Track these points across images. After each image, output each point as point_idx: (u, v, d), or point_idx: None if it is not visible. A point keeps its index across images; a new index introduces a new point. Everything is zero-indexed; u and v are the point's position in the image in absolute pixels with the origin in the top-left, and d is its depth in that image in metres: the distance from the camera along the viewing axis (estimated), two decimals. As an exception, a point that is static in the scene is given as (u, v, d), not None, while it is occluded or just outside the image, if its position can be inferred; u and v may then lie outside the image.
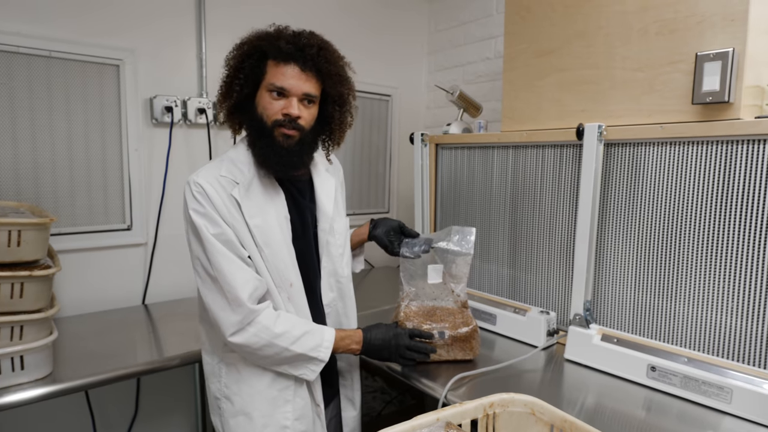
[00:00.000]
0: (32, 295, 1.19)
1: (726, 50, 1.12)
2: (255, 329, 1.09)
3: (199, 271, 1.11)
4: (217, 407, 1.21)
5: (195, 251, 1.11)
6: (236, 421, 1.16)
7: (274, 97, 1.10)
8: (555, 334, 1.51)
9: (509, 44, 1.66)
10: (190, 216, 1.09)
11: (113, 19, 1.77)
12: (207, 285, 1.10)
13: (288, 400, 1.16)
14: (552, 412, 0.89)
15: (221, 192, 1.10)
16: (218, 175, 1.11)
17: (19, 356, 1.19)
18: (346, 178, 2.48)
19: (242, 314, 1.08)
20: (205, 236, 1.07)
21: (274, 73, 1.10)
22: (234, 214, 1.10)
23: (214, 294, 1.09)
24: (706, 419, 1.11)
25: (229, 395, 1.17)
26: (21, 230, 1.17)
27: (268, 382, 1.15)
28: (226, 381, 1.18)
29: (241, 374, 1.16)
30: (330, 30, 2.41)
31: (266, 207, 1.14)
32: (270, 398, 1.15)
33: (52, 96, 1.67)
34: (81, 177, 1.75)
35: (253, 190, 1.13)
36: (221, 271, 1.07)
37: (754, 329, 1.16)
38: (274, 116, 1.10)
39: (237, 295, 1.07)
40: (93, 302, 1.79)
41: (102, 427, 1.83)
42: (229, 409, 1.17)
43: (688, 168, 1.25)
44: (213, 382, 1.21)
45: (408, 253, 1.34)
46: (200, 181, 1.09)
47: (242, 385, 1.16)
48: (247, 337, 1.08)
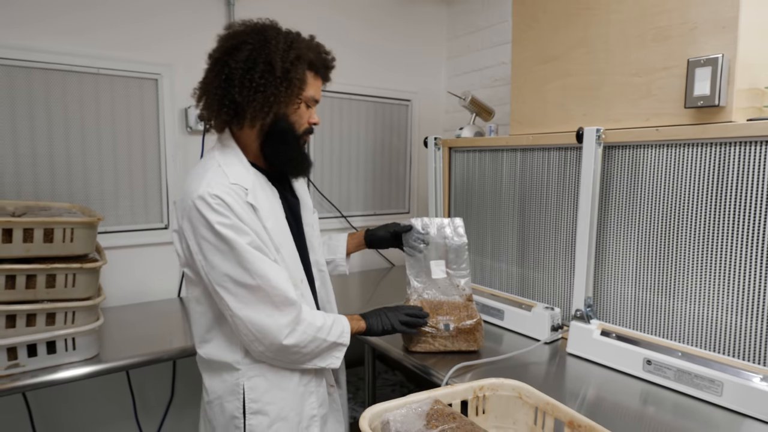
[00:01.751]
0: (83, 285, 1.36)
1: (716, 56, 1.17)
2: (303, 326, 1.10)
3: (230, 287, 1.05)
4: (236, 427, 1.12)
5: (220, 267, 1.04)
6: (274, 429, 1.13)
7: (307, 108, 1.16)
8: (559, 329, 1.57)
9: (517, 51, 1.73)
10: (215, 230, 1.03)
11: (153, 38, 1.94)
12: (244, 299, 1.05)
13: (312, 391, 1.20)
14: (537, 396, 0.98)
15: (239, 200, 1.06)
16: (229, 184, 1.07)
17: (71, 338, 1.36)
18: (366, 180, 2.61)
19: (294, 313, 1.08)
20: (241, 246, 1.03)
21: (314, 87, 1.16)
22: (254, 219, 1.08)
23: (255, 305, 1.05)
24: (698, 411, 1.15)
25: (260, 408, 1.12)
26: (74, 228, 1.33)
27: (297, 380, 1.17)
28: (252, 396, 1.12)
29: (270, 382, 1.14)
30: (352, 39, 2.55)
31: (273, 209, 1.15)
32: (299, 395, 1.17)
33: (99, 108, 1.86)
34: (124, 181, 1.93)
35: (258, 194, 1.12)
36: (265, 276, 1.04)
37: (747, 325, 1.20)
38: (304, 125, 1.17)
39: (286, 296, 1.07)
40: (134, 294, 1.98)
41: (141, 410, 2.01)
42: (263, 423, 1.12)
43: (683, 169, 1.30)
44: (230, 403, 1.13)
45: (409, 250, 1.46)
46: (217, 192, 1.03)
47: (275, 393, 1.13)
48: (298, 336, 1.08)
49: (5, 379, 1.28)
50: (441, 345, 1.42)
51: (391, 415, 0.84)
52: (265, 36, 1.10)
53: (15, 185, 1.73)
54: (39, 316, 1.32)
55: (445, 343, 1.42)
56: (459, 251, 1.46)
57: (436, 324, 1.41)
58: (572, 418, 0.88)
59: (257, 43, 1.10)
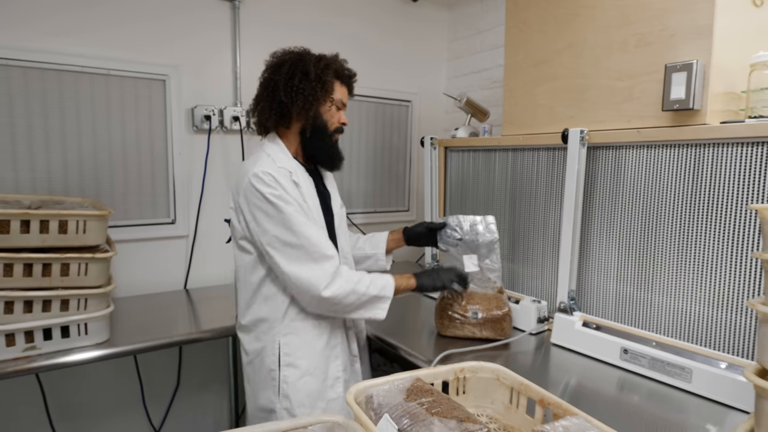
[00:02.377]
0: (94, 274, 1.45)
1: (691, 61, 1.24)
2: (341, 280, 1.28)
3: (278, 247, 1.26)
4: (273, 378, 1.34)
5: (271, 231, 1.26)
6: (303, 381, 1.34)
7: (336, 109, 1.41)
8: (545, 321, 1.64)
9: (509, 55, 1.80)
10: (267, 199, 1.25)
11: (161, 40, 2.03)
12: (290, 255, 1.26)
13: (338, 355, 1.40)
14: (513, 377, 1.05)
15: (286, 177, 1.31)
16: (277, 167, 1.31)
17: (84, 323, 1.45)
18: (367, 178, 2.69)
19: (333, 266, 1.28)
20: (286, 210, 1.26)
21: (340, 92, 1.41)
22: (297, 193, 1.32)
23: (299, 261, 1.26)
24: (670, 397, 1.22)
25: (292, 362, 1.33)
26: (86, 220, 1.43)
27: (324, 342, 1.37)
28: (287, 350, 1.33)
29: (302, 339, 1.35)
30: (354, 40, 2.63)
31: (310, 192, 1.37)
32: (325, 356, 1.37)
33: (110, 108, 1.95)
34: (133, 177, 2.02)
35: (300, 176, 1.36)
36: (307, 235, 1.26)
37: (716, 316, 1.27)
38: (336, 125, 1.42)
39: (325, 252, 1.28)
40: (143, 285, 2.07)
41: (149, 395, 2.11)
42: (294, 374, 1.33)
43: (661, 169, 1.36)
44: (267, 357, 1.35)
45: (443, 246, 1.58)
46: (269, 170, 1.28)
47: (305, 350, 1.34)
48: (335, 288, 1.27)
49: (23, 361, 1.37)
50: (469, 332, 1.55)
51: (375, 390, 0.92)
52: (301, 55, 1.39)
53: (30, 180, 1.83)
54: (54, 302, 1.41)
55: (473, 330, 1.54)
56: (490, 246, 1.56)
57: (465, 312, 1.53)
58: (542, 396, 0.96)
59: (295, 58, 1.38)
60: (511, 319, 1.56)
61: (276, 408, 1.35)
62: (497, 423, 1.05)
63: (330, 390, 1.38)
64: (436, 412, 0.84)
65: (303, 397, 1.34)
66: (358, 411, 0.85)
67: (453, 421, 0.81)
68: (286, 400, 1.34)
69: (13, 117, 1.78)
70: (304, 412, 1.34)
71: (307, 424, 0.82)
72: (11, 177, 1.79)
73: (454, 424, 0.81)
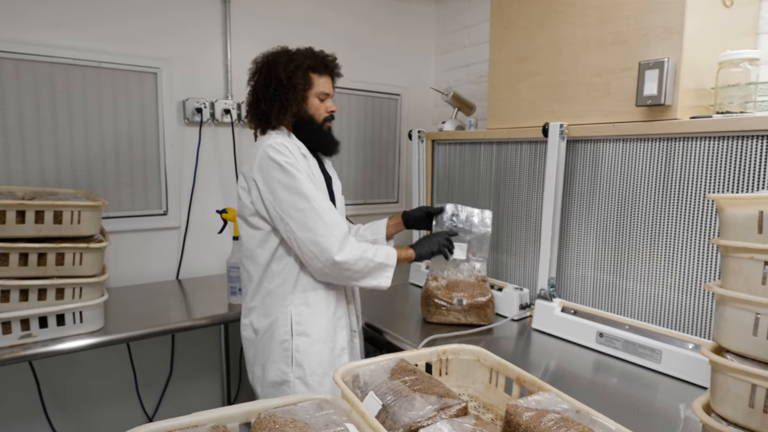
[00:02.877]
0: (89, 263, 1.49)
1: (662, 59, 1.30)
2: (350, 246, 1.35)
3: (293, 214, 1.33)
4: (285, 350, 1.40)
5: (285, 199, 1.33)
6: (316, 349, 1.41)
7: (320, 100, 1.46)
8: (527, 308, 1.71)
9: (493, 51, 1.86)
10: (281, 166, 1.33)
11: (152, 34, 2.06)
12: (302, 221, 1.32)
13: (343, 327, 1.48)
14: (492, 358, 1.11)
15: (296, 150, 1.39)
16: (287, 140, 1.40)
17: (78, 312, 1.49)
18: (357, 170, 2.74)
19: (342, 232, 1.34)
20: (299, 177, 1.33)
21: (320, 84, 1.45)
22: (307, 166, 1.40)
23: (311, 225, 1.32)
24: (641, 377, 1.30)
25: (304, 330, 1.40)
26: (81, 211, 1.46)
27: (332, 312, 1.45)
28: (298, 320, 1.40)
29: (312, 309, 1.42)
30: (345, 35, 2.66)
31: (316, 169, 1.45)
32: (332, 326, 1.45)
33: (101, 100, 1.97)
34: (125, 169, 2.05)
35: (306, 153, 1.44)
36: (317, 200, 1.33)
37: (685, 301, 1.35)
38: (323, 115, 1.47)
39: (334, 218, 1.35)
40: (136, 276, 2.11)
41: (142, 383, 2.15)
42: (305, 342, 1.40)
43: (635, 162, 1.43)
44: (279, 329, 1.41)
45: (436, 228, 1.64)
46: (281, 141, 1.36)
47: (315, 319, 1.42)
48: (346, 253, 1.33)
49: (19, 348, 1.41)
50: (454, 318, 1.62)
51: (361, 370, 0.97)
52: (275, 59, 1.44)
53: (22, 172, 1.85)
54: (49, 291, 1.45)
55: (458, 316, 1.62)
56: (482, 239, 1.65)
57: (450, 299, 1.60)
58: (519, 375, 1.02)
59: (269, 65, 1.44)
60: (493, 305, 1.63)
61: (289, 378, 1.40)
62: (477, 401, 1.11)
63: (337, 359, 1.45)
64: (418, 389, 0.90)
65: (315, 365, 1.40)
66: (344, 388, 0.91)
67: (433, 397, 0.87)
68: (299, 368, 1.39)
69: (4, 109, 1.80)
70: (317, 381, 1.40)
71: (296, 401, 0.88)
72: (3, 169, 1.82)
73: (435, 399, 0.87)
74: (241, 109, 2.26)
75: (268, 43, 1.52)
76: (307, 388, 1.40)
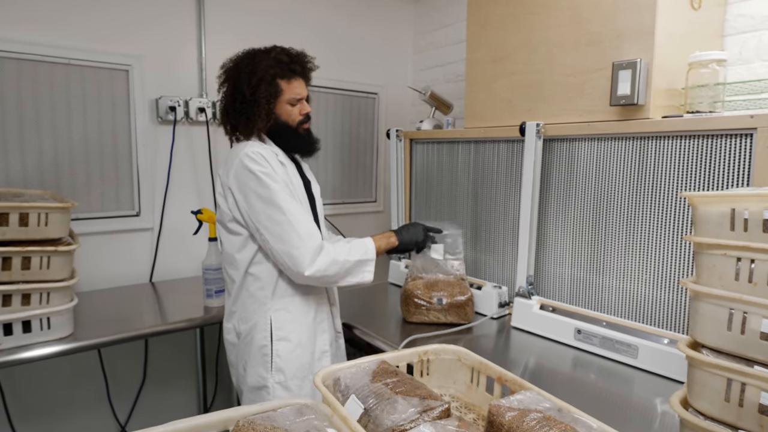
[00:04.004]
0: (57, 267, 1.43)
1: (635, 60, 1.32)
2: (322, 255, 1.33)
3: (267, 224, 1.31)
4: (264, 355, 1.38)
5: (260, 208, 1.31)
6: (295, 354, 1.40)
7: (293, 104, 1.43)
8: (506, 306, 1.72)
9: (471, 50, 1.86)
10: (257, 176, 1.31)
11: (123, 30, 2.00)
12: (277, 232, 1.30)
13: (324, 330, 1.47)
14: (473, 358, 1.11)
15: (273, 157, 1.37)
16: (265, 147, 1.38)
17: (46, 317, 1.43)
18: (334, 170, 2.72)
19: (317, 243, 1.32)
20: (274, 188, 1.31)
21: (290, 89, 1.41)
22: (284, 173, 1.37)
23: (285, 237, 1.30)
24: (618, 372, 1.32)
25: (284, 335, 1.39)
26: (48, 213, 1.41)
27: (312, 317, 1.43)
28: (278, 325, 1.38)
29: (292, 314, 1.40)
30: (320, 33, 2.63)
31: (295, 175, 1.44)
32: (313, 330, 1.44)
33: (70, 98, 1.91)
34: (95, 169, 1.99)
35: (284, 159, 1.42)
36: (293, 212, 1.31)
37: (660, 296, 1.37)
38: (297, 118, 1.44)
39: (309, 229, 1.32)
40: (107, 279, 2.04)
41: (114, 390, 2.09)
42: (286, 347, 1.39)
43: (610, 161, 1.46)
44: (258, 334, 1.39)
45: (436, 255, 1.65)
46: (257, 150, 1.34)
47: (295, 324, 1.40)
48: (318, 264, 1.31)
49: (-18, 356, 1.35)
50: (434, 317, 1.62)
51: (342, 373, 0.96)
52: (238, 68, 1.40)
53: (-15, 173, 1.78)
54: (15, 297, 1.39)
55: (438, 316, 1.62)
56: (455, 239, 1.68)
57: (430, 299, 1.59)
58: (500, 374, 1.02)
59: (234, 78, 1.41)
60: (473, 304, 1.63)
61: (268, 383, 1.38)
62: (459, 401, 1.11)
63: (317, 363, 1.44)
64: (400, 392, 0.89)
65: (296, 369, 1.40)
66: (325, 392, 0.89)
67: (416, 399, 0.86)
68: (279, 373, 1.38)
69: (-35, 107, 1.72)
70: (297, 384, 1.40)
71: (276, 407, 0.86)
72: (-35, 169, 1.74)
73: (417, 401, 0.86)
74: (216, 108, 2.21)
75: (243, 38, 1.49)
76: (288, 392, 1.39)
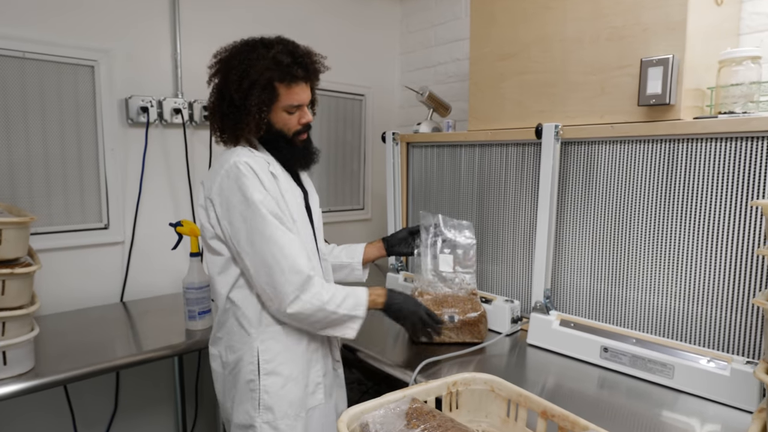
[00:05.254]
0: (14, 292, 1.22)
1: (667, 56, 1.23)
2: (308, 296, 1.17)
3: (248, 251, 1.16)
4: (252, 390, 1.23)
5: (243, 232, 1.16)
6: (285, 389, 1.23)
7: (290, 112, 1.25)
8: (519, 321, 1.60)
9: (475, 47, 1.75)
10: (243, 193, 1.15)
11: (88, 21, 1.79)
12: (259, 262, 1.16)
13: (318, 360, 1.31)
14: (509, 388, 0.98)
15: (264, 169, 1.20)
16: (255, 156, 1.21)
17: (1, 352, 1.22)
18: (320, 176, 2.55)
19: (299, 281, 1.16)
20: (261, 212, 1.15)
21: (289, 95, 1.22)
22: (275, 187, 1.21)
23: (268, 269, 1.15)
24: (651, 393, 1.21)
25: (273, 369, 1.22)
26: (2, 229, 1.19)
27: (305, 346, 1.27)
28: (266, 357, 1.22)
29: (282, 344, 1.24)
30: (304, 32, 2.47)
31: (289, 186, 1.27)
32: (306, 360, 1.27)
33: (26, 96, 1.68)
34: (57, 177, 1.76)
35: (277, 170, 1.26)
36: (278, 244, 1.15)
37: (694, 311, 1.28)
38: (295, 128, 1.27)
39: (295, 264, 1.16)
40: (72, 300, 1.81)
41: (82, 425, 1.86)
42: (276, 382, 1.22)
43: (635, 165, 1.36)
44: (245, 367, 1.24)
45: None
46: (246, 160, 1.18)
47: (286, 354, 1.24)
48: (301, 304, 1.17)
49: None
50: (446, 336, 1.47)
51: (370, 417, 0.81)
52: (229, 66, 1.21)
53: (-74, 182, 1.54)
54: (-38, 329, 1.17)
55: (450, 335, 1.47)
56: (467, 250, 1.54)
57: (441, 316, 1.44)
58: (545, 408, 0.89)
59: (222, 74, 1.23)
60: (486, 321, 1.51)
61: (256, 423, 1.22)
62: (495, 439, 0.98)
63: (311, 397, 1.28)
64: (444, 439, 0.75)
65: (286, 406, 1.23)
66: (355, 444, 0.75)
67: (466, 449, 0.73)
68: (267, 412, 1.22)
69: None
70: (288, 424, 1.23)
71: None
72: None
73: (468, 452, 0.72)
74: (192, 109, 2.02)
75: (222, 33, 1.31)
76: None
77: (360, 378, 2.44)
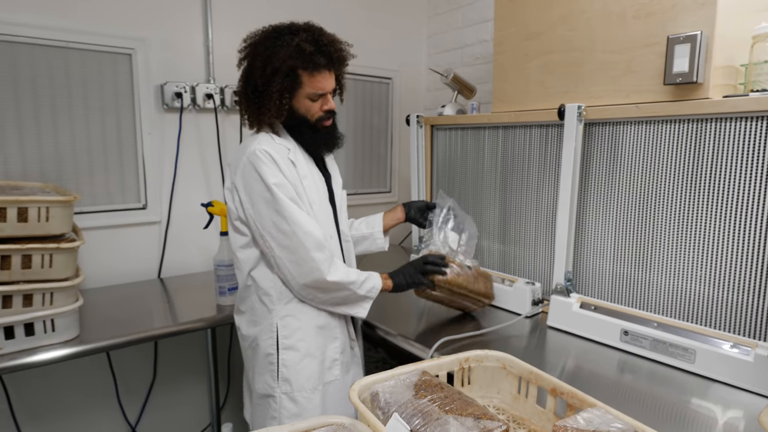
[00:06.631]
0: (60, 265, 1.32)
1: (695, 33, 1.19)
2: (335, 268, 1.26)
3: (272, 232, 1.23)
4: (270, 363, 1.30)
5: (265, 215, 1.22)
6: (304, 364, 1.30)
7: (313, 100, 1.28)
8: (540, 303, 1.61)
9: (499, 27, 1.73)
10: (263, 180, 1.21)
11: (125, 11, 1.87)
12: (283, 242, 1.22)
13: (336, 337, 1.36)
14: (520, 366, 1.00)
15: (283, 156, 1.25)
16: (275, 144, 1.26)
17: (50, 319, 1.33)
18: (347, 159, 2.59)
19: (326, 257, 1.24)
20: (279, 196, 1.21)
21: (311, 83, 1.26)
22: (294, 173, 1.26)
23: (291, 247, 1.22)
24: (672, 378, 1.20)
25: (291, 344, 1.30)
26: (49, 207, 1.30)
27: (322, 323, 1.33)
28: (285, 333, 1.29)
29: (301, 322, 1.31)
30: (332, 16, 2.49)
31: (310, 170, 1.32)
32: (323, 337, 1.34)
33: (70, 84, 1.79)
34: (99, 160, 1.87)
35: (298, 155, 1.30)
36: (299, 223, 1.22)
37: (718, 295, 1.25)
38: (317, 114, 1.31)
39: (317, 240, 1.23)
40: (113, 276, 1.94)
41: (123, 391, 1.99)
42: (294, 357, 1.30)
43: (661, 145, 1.33)
44: (264, 342, 1.31)
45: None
46: (266, 148, 1.22)
47: (304, 331, 1.31)
48: (340, 274, 1.26)
49: (-18, 362, 1.25)
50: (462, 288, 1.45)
51: (380, 387, 0.85)
52: (255, 52, 1.25)
53: (-18, 164, 1.67)
54: (15, 298, 1.28)
55: (465, 285, 1.46)
56: (471, 237, 1.56)
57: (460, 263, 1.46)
58: (555, 386, 0.91)
59: (249, 60, 1.27)
60: (492, 283, 1.57)
61: (275, 393, 1.30)
62: (505, 413, 1.01)
63: (328, 372, 1.35)
64: (449, 410, 0.78)
65: (303, 380, 1.30)
66: (364, 411, 0.79)
67: (469, 419, 0.76)
68: (285, 384, 1.30)
69: (-42, 94, 1.61)
70: (305, 397, 1.30)
71: (309, 428, 0.75)
72: (-40, 161, 1.63)
73: (471, 422, 0.75)
74: (224, 94, 2.09)
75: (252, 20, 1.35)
76: (295, 404, 1.30)
77: (385, 357, 2.50)
